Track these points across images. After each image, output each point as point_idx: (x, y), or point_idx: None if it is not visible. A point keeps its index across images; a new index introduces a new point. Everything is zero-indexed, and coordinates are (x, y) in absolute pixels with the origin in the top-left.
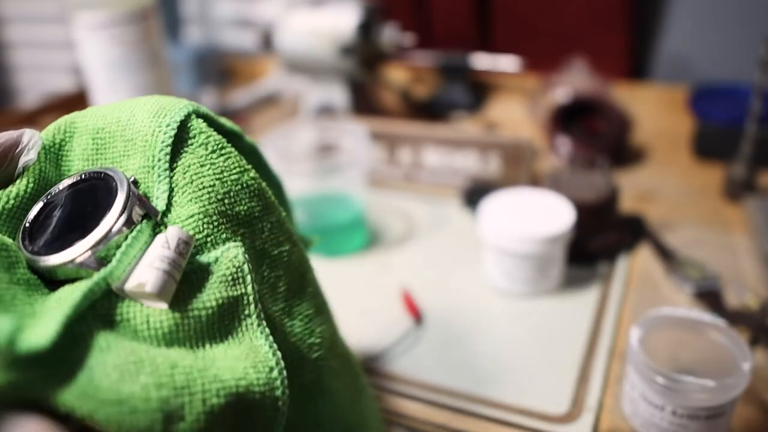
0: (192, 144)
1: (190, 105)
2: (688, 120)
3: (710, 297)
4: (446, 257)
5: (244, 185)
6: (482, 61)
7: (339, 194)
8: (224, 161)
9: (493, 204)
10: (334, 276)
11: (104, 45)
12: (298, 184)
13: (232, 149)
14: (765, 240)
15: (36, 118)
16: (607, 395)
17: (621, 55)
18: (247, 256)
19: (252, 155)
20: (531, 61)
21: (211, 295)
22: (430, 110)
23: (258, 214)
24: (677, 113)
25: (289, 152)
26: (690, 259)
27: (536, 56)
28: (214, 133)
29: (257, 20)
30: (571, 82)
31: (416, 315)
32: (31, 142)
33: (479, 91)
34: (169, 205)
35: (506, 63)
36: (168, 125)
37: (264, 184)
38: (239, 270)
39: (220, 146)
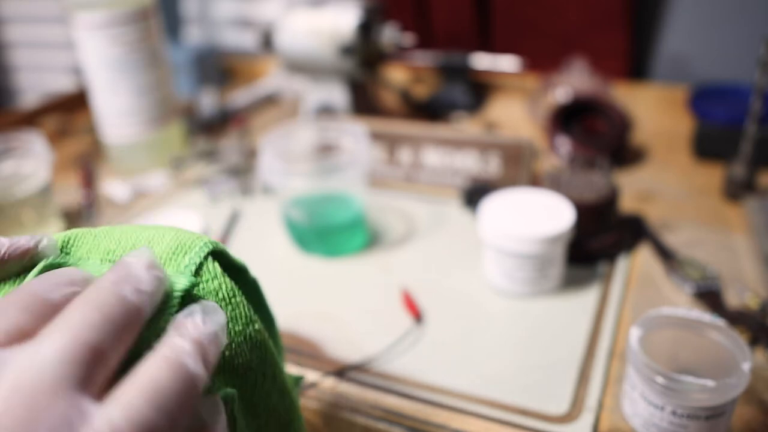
0: (203, 288)
1: (209, 243)
2: (688, 120)
3: (710, 297)
4: (446, 257)
5: (247, 337)
6: (482, 61)
7: (339, 194)
8: (232, 311)
9: (493, 204)
10: (334, 276)
11: (104, 45)
12: (298, 184)
13: (242, 299)
14: (765, 240)
15: (36, 118)
16: (607, 395)
17: (621, 55)
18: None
19: (253, 289)
20: (531, 61)
21: None
22: (430, 110)
23: (254, 366)
24: (677, 113)
25: (289, 152)
26: (690, 259)
27: (536, 56)
28: (227, 280)
29: (257, 20)
30: (571, 82)
31: (416, 315)
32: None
33: (479, 91)
34: None
35: (506, 63)
36: (186, 266)
37: (266, 335)
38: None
39: (230, 295)
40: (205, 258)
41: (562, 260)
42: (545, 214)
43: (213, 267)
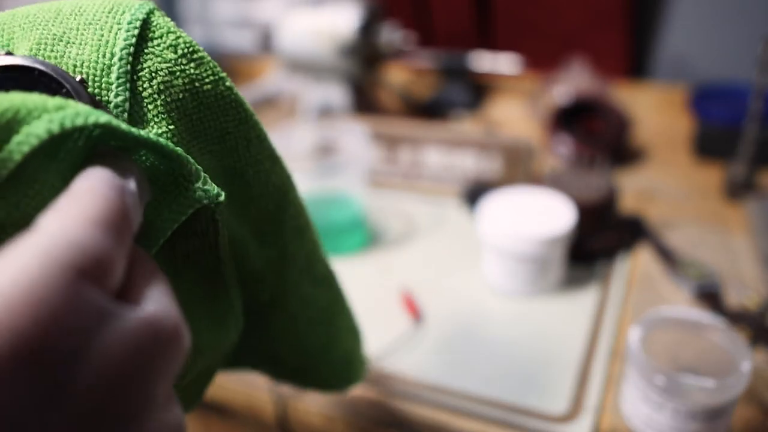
0: (158, 45)
1: (151, 3)
2: (688, 120)
3: (710, 297)
4: (446, 257)
5: (219, 96)
6: (482, 61)
7: (339, 194)
8: (196, 68)
9: (493, 204)
10: None
11: None
12: (298, 184)
13: (205, 53)
14: (765, 240)
15: None
16: (607, 395)
17: (621, 55)
18: (224, 211)
19: None
20: (531, 60)
21: (184, 243)
22: (430, 110)
23: (232, 130)
24: (677, 113)
25: (289, 152)
26: (690, 259)
27: (536, 56)
28: (184, 33)
29: (257, 20)
30: (571, 82)
31: (416, 315)
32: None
33: (479, 91)
34: (131, 117)
35: (506, 63)
36: (130, 22)
37: (241, 95)
38: (217, 224)
39: (191, 50)
40: (152, 12)
41: (562, 260)
42: (545, 215)
43: (164, 20)
